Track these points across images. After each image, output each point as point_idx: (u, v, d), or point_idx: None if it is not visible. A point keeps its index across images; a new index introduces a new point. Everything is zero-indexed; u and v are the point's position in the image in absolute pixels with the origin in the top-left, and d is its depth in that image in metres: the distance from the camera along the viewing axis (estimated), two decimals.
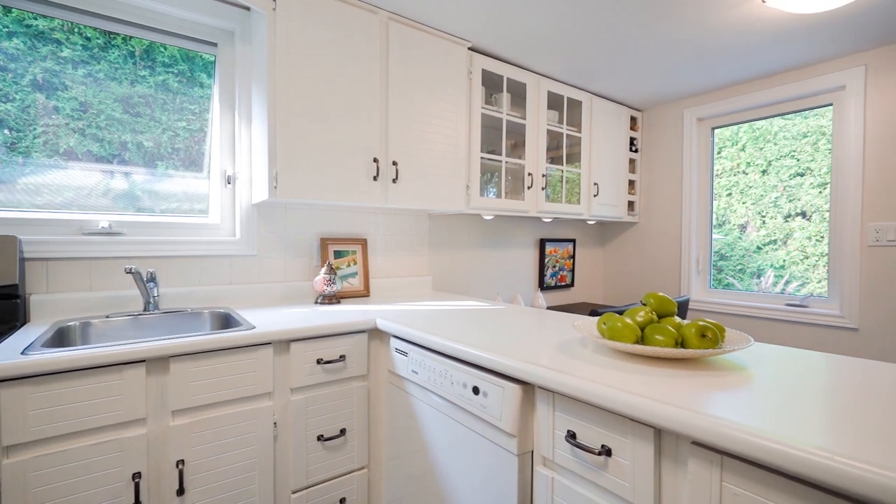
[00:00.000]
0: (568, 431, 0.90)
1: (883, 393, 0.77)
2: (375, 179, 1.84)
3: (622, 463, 0.80)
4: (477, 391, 1.09)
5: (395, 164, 1.89)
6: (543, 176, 2.53)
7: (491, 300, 2.34)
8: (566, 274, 3.22)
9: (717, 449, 0.67)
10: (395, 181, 1.89)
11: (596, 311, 1.97)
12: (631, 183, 3.24)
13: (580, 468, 0.88)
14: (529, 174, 2.46)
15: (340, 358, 1.47)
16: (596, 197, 2.86)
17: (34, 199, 1.51)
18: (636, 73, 2.54)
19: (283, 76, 1.60)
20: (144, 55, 1.70)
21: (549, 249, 3.07)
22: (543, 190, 2.53)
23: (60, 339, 1.35)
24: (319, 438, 1.44)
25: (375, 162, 1.83)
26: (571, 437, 0.89)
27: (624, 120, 3.06)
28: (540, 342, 1.16)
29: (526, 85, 2.43)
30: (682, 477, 0.74)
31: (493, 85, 2.46)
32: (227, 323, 1.62)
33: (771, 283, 2.69)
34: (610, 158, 2.96)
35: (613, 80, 2.64)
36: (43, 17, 1.51)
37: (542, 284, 3.05)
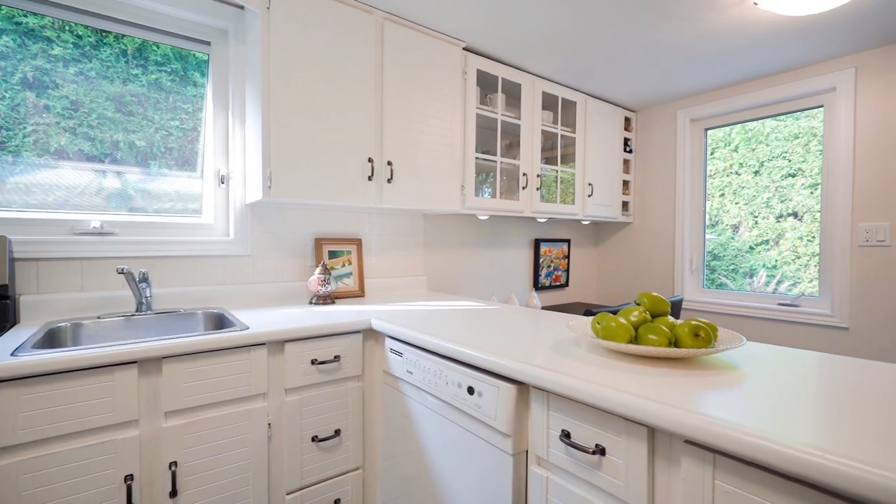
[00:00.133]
0: (562, 431, 0.90)
1: (873, 392, 0.78)
2: (370, 179, 1.83)
3: (616, 462, 0.81)
4: (472, 391, 1.09)
5: (390, 164, 1.88)
6: (538, 176, 2.53)
7: (486, 300, 2.34)
8: (561, 274, 3.23)
9: (709, 447, 0.68)
10: (390, 181, 1.89)
11: (590, 310, 1.98)
12: (625, 183, 3.26)
13: (574, 467, 0.88)
14: (524, 174, 2.46)
15: (335, 358, 1.47)
16: (590, 197, 2.87)
17: (24, 198, 1.50)
18: (630, 74, 2.55)
19: (277, 76, 1.60)
20: (137, 53, 1.68)
21: (543, 249, 3.08)
22: (538, 190, 2.54)
23: (51, 340, 1.34)
24: (314, 439, 1.44)
25: (370, 162, 1.82)
26: (566, 436, 0.89)
27: (618, 120, 3.08)
28: (534, 342, 1.16)
29: (521, 85, 2.44)
30: (675, 475, 0.74)
31: (488, 85, 2.46)
32: (220, 323, 1.61)
33: (763, 282, 2.72)
34: (604, 159, 2.97)
35: (608, 80, 2.65)
36: (33, 14, 1.50)
37: (536, 284, 3.06)
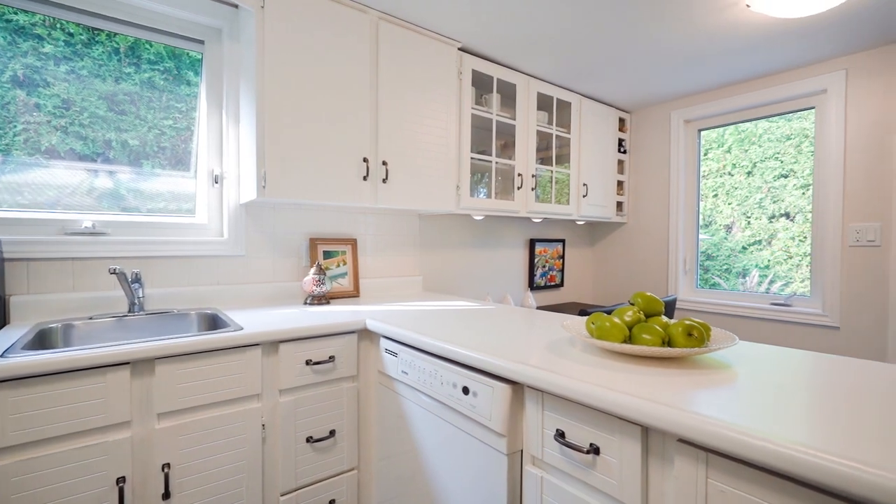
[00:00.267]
0: (557, 430, 0.90)
1: (864, 390, 0.79)
2: (365, 179, 1.83)
3: (610, 461, 0.81)
4: (467, 391, 1.10)
5: (385, 164, 1.88)
6: (533, 176, 2.54)
7: (481, 300, 2.35)
8: (556, 274, 3.24)
9: (702, 446, 0.68)
10: (385, 181, 1.88)
11: (585, 310, 1.98)
12: (619, 184, 3.27)
13: (569, 467, 0.89)
14: (519, 174, 2.47)
15: (330, 359, 1.47)
16: (585, 197, 2.88)
17: (14, 198, 1.48)
18: (624, 75, 2.56)
19: (271, 75, 1.59)
20: (129, 52, 1.67)
21: (538, 249, 3.09)
22: (533, 190, 2.54)
23: (42, 341, 1.32)
24: (309, 440, 1.43)
25: (365, 162, 1.82)
26: (560, 436, 0.89)
27: (612, 121, 3.09)
28: (529, 342, 1.17)
29: (516, 86, 2.44)
30: (668, 474, 0.75)
31: (483, 85, 2.46)
32: (214, 324, 1.60)
33: (756, 282, 2.74)
34: (599, 159, 2.99)
35: (602, 81, 2.66)
36: (24, 11, 1.48)
37: (531, 284, 3.07)
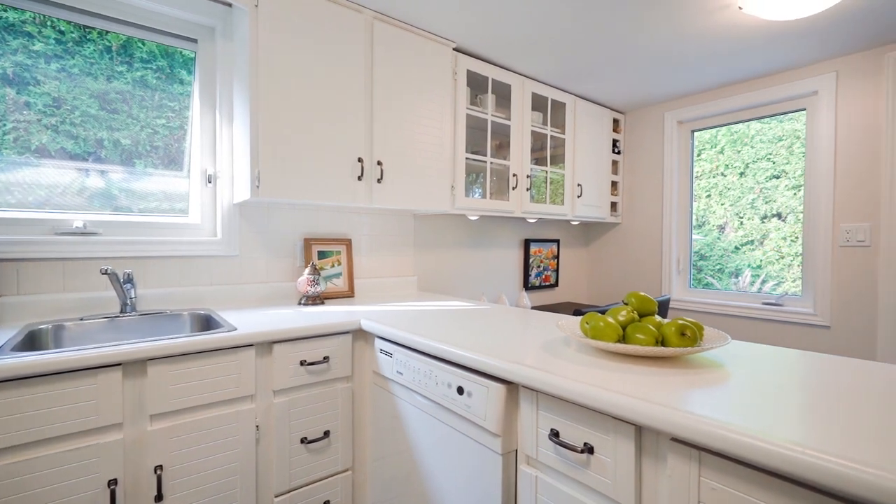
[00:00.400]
0: (551, 430, 0.91)
1: (853, 389, 0.80)
2: (360, 179, 1.83)
3: (604, 460, 0.81)
4: (461, 391, 1.10)
5: (379, 163, 1.88)
6: (528, 177, 2.54)
7: (476, 300, 2.35)
8: (550, 274, 3.25)
9: (695, 445, 0.69)
10: (379, 181, 1.88)
11: (579, 310, 1.99)
12: (614, 184, 3.29)
13: (563, 466, 0.89)
14: (514, 175, 2.47)
15: (324, 359, 1.46)
16: (579, 198, 2.89)
17: (4, 197, 1.46)
18: (618, 76, 2.58)
19: (265, 74, 1.58)
20: (121, 50, 1.65)
21: (533, 250, 3.10)
22: (528, 191, 2.55)
23: (31, 342, 1.31)
24: (303, 441, 1.43)
25: (360, 162, 1.81)
26: (555, 435, 0.90)
27: (607, 122, 3.11)
28: (524, 342, 1.17)
29: (511, 86, 2.44)
30: (662, 473, 0.75)
31: (478, 86, 2.47)
32: (207, 325, 1.59)
33: (748, 282, 2.77)
34: (593, 160, 3.00)
35: (596, 82, 2.67)
36: (13, 9, 1.46)
37: (526, 284, 3.07)
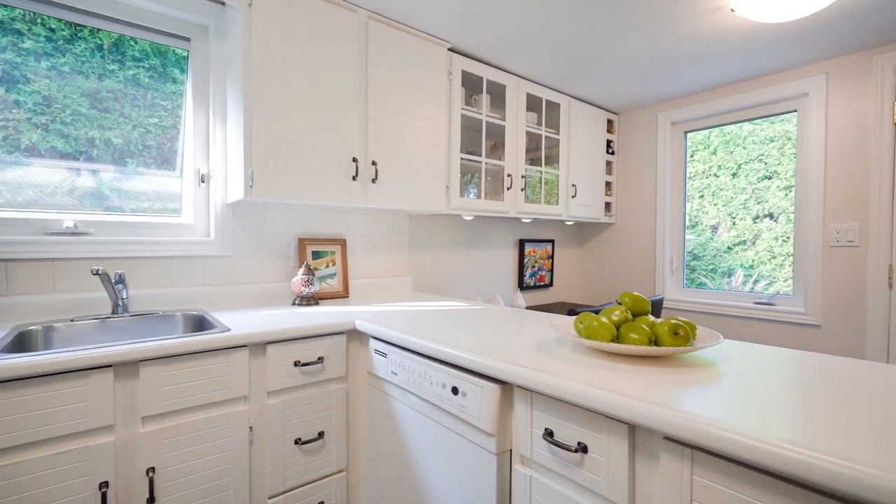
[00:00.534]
0: (545, 430, 0.91)
1: (843, 387, 0.81)
2: (355, 179, 1.82)
3: (598, 459, 0.82)
4: (456, 391, 1.10)
5: (374, 163, 1.87)
6: (523, 177, 2.55)
7: (471, 300, 2.35)
8: (545, 274, 3.25)
9: (687, 443, 0.69)
10: (374, 181, 1.88)
11: (574, 310, 2.00)
12: (608, 184, 3.30)
13: (557, 465, 0.89)
14: (509, 175, 2.48)
15: (319, 360, 1.46)
16: (574, 198, 2.90)
17: None
18: (612, 77, 2.59)
19: (259, 73, 1.57)
20: (113, 49, 1.64)
21: (528, 250, 3.10)
22: (523, 191, 2.56)
23: (21, 344, 1.29)
24: (297, 442, 1.42)
25: (354, 161, 1.81)
26: (549, 435, 0.90)
27: (601, 123, 3.12)
28: (519, 342, 1.17)
29: (505, 87, 2.45)
30: (654, 471, 0.76)
31: (472, 86, 2.47)
32: (200, 325, 1.57)
33: (741, 282, 2.79)
34: (587, 160, 3.01)
35: (591, 83, 2.68)
36: (3, 6, 1.44)
37: (521, 284, 3.08)
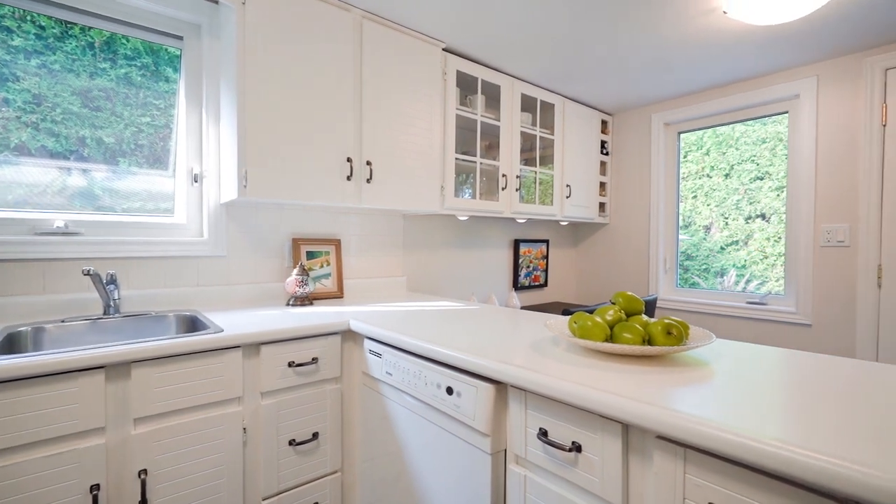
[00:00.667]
0: (540, 429, 0.91)
1: (833, 385, 0.82)
2: (349, 179, 1.82)
3: (592, 459, 0.82)
4: (451, 391, 1.10)
5: (369, 163, 1.87)
6: (517, 177, 2.56)
7: (466, 300, 2.35)
8: (540, 274, 3.26)
9: (680, 442, 0.70)
10: (369, 181, 1.87)
11: (568, 310, 2.01)
12: (602, 185, 3.32)
13: (552, 465, 0.89)
14: (504, 175, 2.48)
15: (313, 360, 1.45)
16: (568, 198, 2.91)
17: None
18: (606, 78, 2.60)
19: (252, 72, 1.56)
20: (105, 47, 1.62)
21: (523, 250, 3.11)
22: (517, 191, 2.56)
23: (10, 345, 1.27)
24: (291, 443, 1.41)
25: (349, 161, 1.80)
26: (543, 434, 0.90)
27: (595, 123, 3.13)
28: (513, 342, 1.17)
29: (500, 87, 2.45)
30: (648, 470, 0.76)
31: (467, 86, 2.47)
32: (193, 326, 1.56)
33: (733, 281, 2.81)
34: (582, 161, 3.02)
35: (585, 84, 2.70)
36: None
37: (516, 284, 3.09)
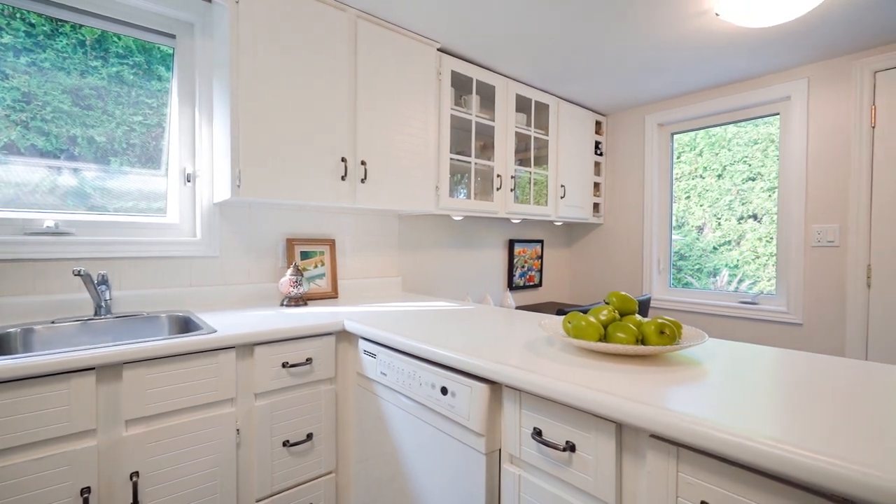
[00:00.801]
0: (534, 429, 0.91)
1: (824, 384, 0.83)
2: (344, 179, 1.81)
3: (585, 458, 0.82)
4: (445, 391, 1.10)
5: (363, 163, 1.87)
6: (512, 177, 2.56)
7: (461, 300, 2.35)
8: (534, 274, 3.27)
9: (673, 441, 0.70)
10: (363, 181, 1.87)
11: (562, 310, 2.01)
12: (596, 185, 3.34)
13: (546, 464, 0.90)
14: (498, 175, 2.49)
15: (307, 361, 1.44)
16: (563, 199, 2.92)
17: None
18: (600, 79, 2.61)
19: (246, 72, 1.55)
20: (96, 45, 1.61)
21: (517, 250, 3.12)
22: (512, 191, 2.57)
23: None
24: (285, 444, 1.41)
25: (343, 161, 1.80)
26: (537, 434, 0.90)
27: (589, 124, 3.15)
28: (508, 342, 1.18)
29: (495, 87, 2.46)
30: (641, 469, 0.77)
31: (462, 86, 2.47)
32: (186, 327, 1.55)
33: (726, 281, 2.84)
34: (576, 161, 3.03)
35: (579, 85, 2.71)
36: None
37: (511, 284, 3.09)
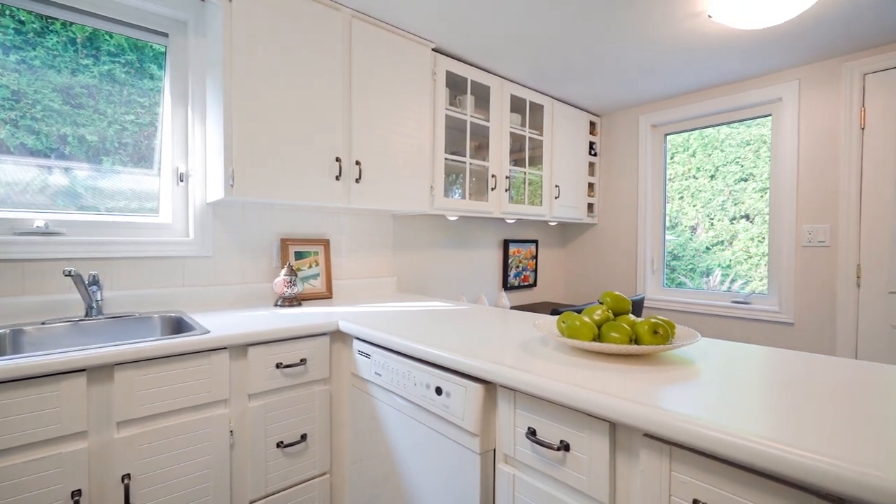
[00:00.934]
0: (528, 429, 0.92)
1: (815, 383, 0.84)
2: (338, 179, 1.80)
3: (579, 457, 0.83)
4: (440, 392, 1.10)
5: (358, 163, 1.86)
6: (507, 178, 2.57)
7: (455, 301, 2.35)
8: (529, 274, 3.28)
9: (666, 440, 0.71)
10: (358, 181, 1.86)
11: (557, 310, 2.02)
12: (590, 186, 3.35)
13: (540, 464, 0.90)
14: (493, 176, 2.49)
15: (301, 361, 1.44)
16: (557, 199, 2.93)
17: None
18: (594, 80, 2.62)
19: (239, 71, 1.55)
20: (87, 43, 1.59)
21: (512, 250, 3.12)
22: (507, 191, 2.57)
23: None
24: (279, 445, 1.40)
25: (338, 161, 1.79)
26: (532, 434, 0.91)
27: (583, 124, 3.16)
28: (502, 341, 1.18)
29: (489, 88, 2.46)
30: (635, 468, 0.77)
31: (457, 87, 2.47)
32: (179, 328, 1.54)
33: (718, 281, 2.86)
34: (570, 161, 3.05)
35: (573, 85, 2.72)
36: None
37: (505, 284, 3.10)
